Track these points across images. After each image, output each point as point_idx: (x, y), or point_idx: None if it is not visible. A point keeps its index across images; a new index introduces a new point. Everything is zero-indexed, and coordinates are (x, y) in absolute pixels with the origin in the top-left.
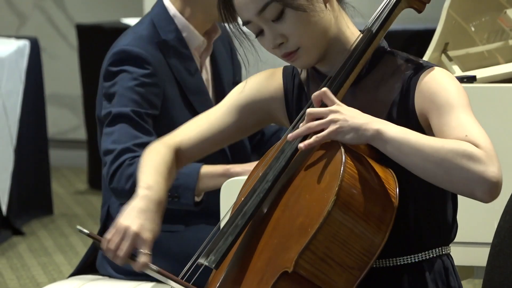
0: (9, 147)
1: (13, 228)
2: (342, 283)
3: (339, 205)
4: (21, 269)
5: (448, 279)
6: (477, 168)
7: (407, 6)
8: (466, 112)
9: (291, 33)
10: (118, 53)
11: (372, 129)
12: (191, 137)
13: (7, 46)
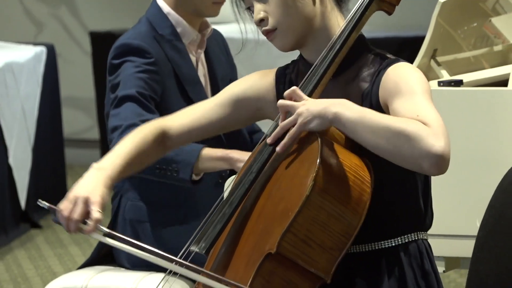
0: (27, 147)
1: (31, 222)
2: (323, 263)
3: (317, 190)
4: (39, 259)
5: (422, 262)
6: (423, 143)
7: (378, 9)
8: (423, 97)
9: (271, 13)
10: (119, 46)
11: (331, 112)
12: (183, 123)
13: (25, 52)
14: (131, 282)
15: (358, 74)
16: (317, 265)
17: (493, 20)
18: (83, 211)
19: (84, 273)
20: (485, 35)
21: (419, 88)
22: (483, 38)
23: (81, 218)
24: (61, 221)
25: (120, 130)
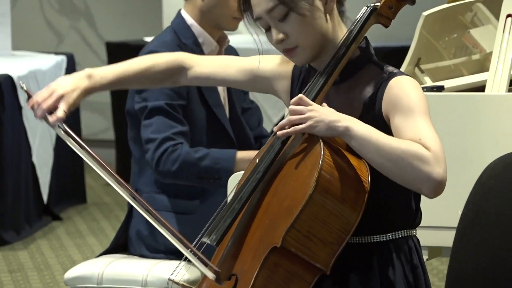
0: (49, 147)
1: (53, 215)
2: (323, 256)
3: (319, 190)
4: (59, 249)
5: (411, 257)
6: (425, 168)
7: (376, 22)
8: (423, 118)
9: (292, 33)
10: (147, 53)
11: (342, 126)
12: (203, 71)
13: (47, 61)
14: (143, 269)
15: (360, 83)
16: (318, 258)
17: (472, 31)
18: (53, 105)
19: (101, 261)
20: (464, 45)
21: (420, 107)
22: (463, 48)
23: (47, 109)
24: (30, 102)
25: (155, 143)
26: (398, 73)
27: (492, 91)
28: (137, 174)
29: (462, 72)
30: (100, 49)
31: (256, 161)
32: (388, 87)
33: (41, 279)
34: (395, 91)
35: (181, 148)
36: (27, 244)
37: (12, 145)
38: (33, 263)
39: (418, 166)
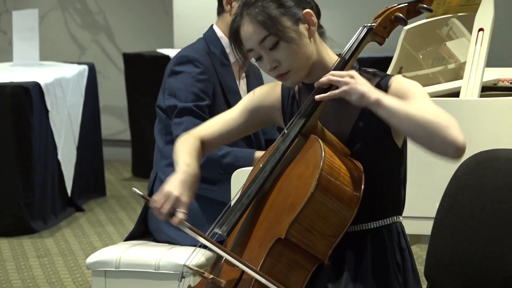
0: (72, 145)
1: (76, 206)
2: (322, 247)
3: (320, 189)
4: (82, 237)
5: (399, 240)
6: (452, 133)
7: (372, 40)
8: (428, 99)
9: (283, 59)
10: (180, 57)
11: (373, 97)
12: (213, 131)
13: (71, 70)
14: (156, 254)
15: None
16: (317, 249)
17: (448, 44)
18: (171, 208)
19: (118, 247)
20: (441, 56)
21: (424, 94)
22: (439, 58)
23: (169, 213)
24: (152, 210)
25: None
26: (391, 75)
27: (466, 97)
28: (159, 161)
29: (439, 80)
30: (118, 59)
31: (263, 161)
32: (390, 87)
33: (66, 263)
34: (399, 86)
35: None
36: (53, 232)
37: (40, 144)
38: (59, 249)
39: (446, 131)
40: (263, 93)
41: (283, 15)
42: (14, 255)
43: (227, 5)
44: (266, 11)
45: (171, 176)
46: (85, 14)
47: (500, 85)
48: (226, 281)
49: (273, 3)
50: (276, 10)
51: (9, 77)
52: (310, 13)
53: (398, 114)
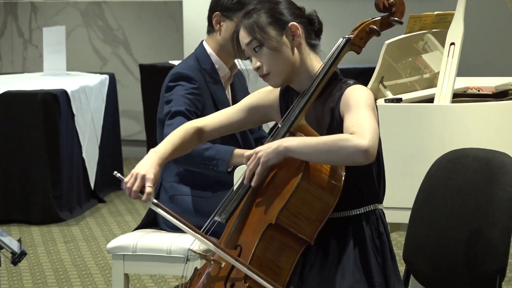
0: (95, 145)
1: (98, 198)
2: (308, 231)
3: (305, 179)
4: (104, 225)
5: (378, 225)
6: (350, 144)
7: (350, 50)
8: (364, 109)
9: (264, 63)
10: (175, 74)
11: (282, 146)
12: (213, 123)
13: (94, 79)
14: (168, 240)
15: (330, 96)
16: (304, 232)
17: (423, 56)
18: (140, 185)
19: (135, 234)
20: (417, 67)
21: (363, 102)
22: (416, 69)
23: (138, 190)
24: (125, 190)
25: None
26: (353, 83)
27: (439, 102)
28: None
29: (416, 88)
30: (135, 70)
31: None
32: (344, 95)
33: (89, 248)
34: (347, 96)
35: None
36: (78, 221)
37: (67, 144)
38: (83, 235)
39: (345, 144)
40: (264, 94)
41: (270, 24)
42: (44, 241)
43: (217, 24)
44: (256, 19)
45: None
46: (106, 30)
47: (469, 92)
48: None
49: (265, 14)
50: (265, 19)
51: (40, 85)
52: (296, 26)
53: (305, 151)
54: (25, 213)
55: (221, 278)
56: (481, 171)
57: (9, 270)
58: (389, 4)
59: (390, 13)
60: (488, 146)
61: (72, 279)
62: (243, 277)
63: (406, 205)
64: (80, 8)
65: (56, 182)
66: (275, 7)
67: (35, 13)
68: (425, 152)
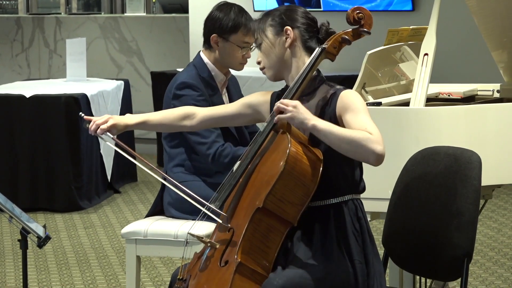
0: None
1: (114, 189)
2: (292, 213)
3: (287, 168)
4: (119, 213)
5: (357, 212)
6: (370, 145)
7: (325, 57)
8: (365, 115)
9: (261, 58)
10: (181, 83)
11: (310, 123)
12: (207, 112)
13: (110, 85)
14: (175, 226)
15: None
16: (288, 215)
17: (400, 65)
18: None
19: (146, 221)
20: (395, 75)
21: (362, 108)
22: (394, 76)
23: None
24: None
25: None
26: (344, 88)
27: (414, 106)
28: (167, 161)
29: (394, 93)
30: (147, 76)
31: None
32: (340, 97)
33: (106, 233)
34: (344, 99)
35: (227, 148)
36: (97, 209)
37: (86, 141)
38: (100, 222)
39: (366, 144)
40: (259, 94)
41: (269, 27)
42: (66, 227)
43: (215, 44)
44: (261, 24)
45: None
46: (122, 42)
47: (440, 97)
48: (220, 242)
49: (268, 20)
50: (267, 24)
51: (63, 90)
52: (290, 29)
53: (329, 136)
54: (49, 202)
55: (216, 257)
56: (451, 166)
57: (35, 252)
58: (358, 17)
59: (359, 25)
60: (457, 145)
61: (91, 260)
62: (235, 255)
63: (385, 196)
64: (99, 22)
65: (77, 175)
66: (277, 13)
67: (60, 27)
68: (402, 149)
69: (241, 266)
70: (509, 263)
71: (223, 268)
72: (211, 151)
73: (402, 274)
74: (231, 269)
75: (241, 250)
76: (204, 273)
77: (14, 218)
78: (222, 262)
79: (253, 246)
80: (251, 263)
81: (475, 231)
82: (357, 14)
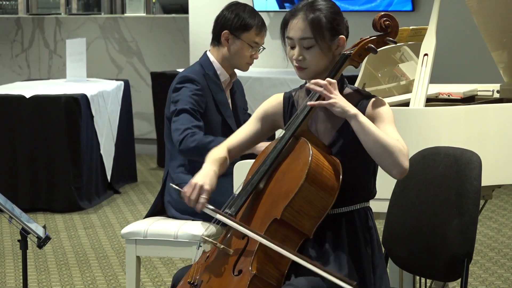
0: (112, 143)
1: (114, 189)
2: (308, 226)
3: (308, 181)
4: (118, 213)
5: (367, 221)
6: (401, 158)
7: (349, 64)
8: (393, 125)
9: (308, 59)
10: (182, 77)
11: (352, 112)
12: (237, 139)
13: (110, 85)
14: (175, 227)
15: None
16: (304, 227)
17: (400, 65)
18: (198, 195)
19: (146, 221)
20: (395, 75)
21: (392, 118)
22: (394, 76)
23: (196, 200)
24: (184, 199)
25: (180, 131)
26: (373, 95)
27: (414, 106)
28: (169, 160)
29: (394, 93)
30: (147, 77)
31: (263, 157)
32: (372, 104)
33: (106, 233)
34: (376, 107)
35: (198, 134)
36: (97, 209)
37: (87, 142)
38: (100, 222)
39: (398, 155)
40: (269, 103)
41: (328, 29)
42: (66, 227)
43: (225, 41)
44: (320, 19)
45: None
46: (122, 42)
47: (440, 97)
48: (234, 250)
49: (327, 18)
50: (326, 23)
51: (63, 90)
52: (344, 39)
53: (367, 131)
54: (49, 203)
55: (230, 265)
56: (451, 167)
57: (35, 252)
58: (386, 25)
59: (385, 33)
60: (457, 145)
61: (91, 260)
62: (249, 265)
63: (385, 196)
64: (99, 22)
65: (77, 175)
66: (336, 16)
67: (59, 27)
68: None
69: (255, 279)
70: (509, 264)
71: (236, 277)
72: (181, 136)
73: (402, 274)
74: (245, 281)
75: (256, 260)
76: (217, 280)
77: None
78: (236, 271)
79: (268, 256)
80: (265, 273)
81: (475, 231)
82: (385, 22)
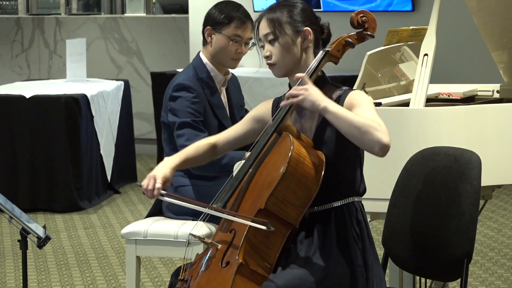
0: (111, 143)
1: (114, 189)
2: (294, 215)
3: (289, 170)
4: (118, 213)
5: (357, 215)
6: (378, 134)
7: (329, 60)
8: (373, 110)
9: (274, 54)
10: (177, 85)
11: (322, 105)
12: (224, 137)
13: (110, 85)
14: (175, 227)
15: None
16: (290, 217)
17: (400, 65)
18: (153, 184)
19: (146, 221)
20: (395, 75)
21: (370, 105)
22: (394, 76)
23: (152, 188)
24: (145, 193)
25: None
26: (351, 89)
27: (414, 106)
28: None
29: (394, 93)
30: (147, 77)
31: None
32: (349, 96)
33: (106, 233)
34: (354, 96)
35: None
36: (97, 209)
37: (87, 142)
38: (100, 222)
39: (374, 132)
40: (260, 106)
41: (288, 24)
42: (66, 227)
43: (208, 37)
44: (279, 16)
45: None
46: (122, 42)
47: (440, 97)
48: (221, 244)
49: (286, 14)
50: (286, 18)
51: (63, 90)
52: (309, 31)
53: (339, 116)
54: (49, 203)
55: (217, 258)
56: (451, 167)
57: (35, 252)
58: (362, 21)
59: (363, 29)
60: (457, 145)
61: (91, 260)
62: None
63: (385, 196)
64: (99, 22)
65: (77, 175)
66: (296, 10)
67: (59, 27)
68: (401, 150)
69: (242, 267)
70: (509, 264)
71: (224, 269)
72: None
73: (402, 274)
74: (232, 270)
75: (242, 251)
76: (205, 273)
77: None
78: (223, 263)
79: (254, 247)
80: (252, 264)
81: (475, 231)
82: (361, 18)
